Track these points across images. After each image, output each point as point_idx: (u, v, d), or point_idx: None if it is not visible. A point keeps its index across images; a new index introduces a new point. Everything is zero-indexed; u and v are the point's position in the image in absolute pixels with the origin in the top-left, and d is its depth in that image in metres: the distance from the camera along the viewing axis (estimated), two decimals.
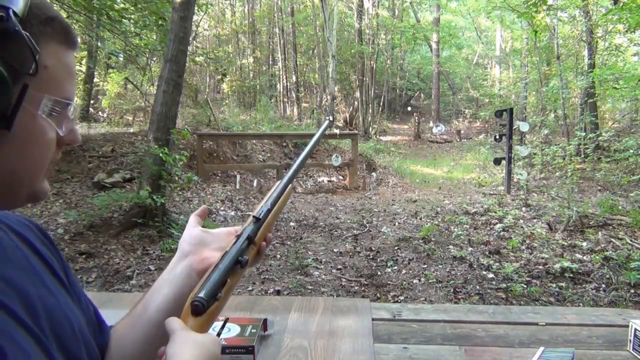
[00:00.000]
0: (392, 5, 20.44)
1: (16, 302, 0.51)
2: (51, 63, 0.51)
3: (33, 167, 0.53)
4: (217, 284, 0.60)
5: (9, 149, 0.49)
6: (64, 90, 0.53)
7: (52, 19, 0.52)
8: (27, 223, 0.65)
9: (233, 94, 17.99)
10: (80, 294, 0.69)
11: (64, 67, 0.53)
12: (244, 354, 1.08)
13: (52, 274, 0.62)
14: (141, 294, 0.77)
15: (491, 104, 18.18)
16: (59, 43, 0.53)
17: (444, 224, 5.64)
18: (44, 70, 0.50)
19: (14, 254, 0.56)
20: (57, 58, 0.52)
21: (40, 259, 0.61)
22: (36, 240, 0.63)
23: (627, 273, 3.94)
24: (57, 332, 0.55)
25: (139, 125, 10.79)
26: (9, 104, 0.47)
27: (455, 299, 3.66)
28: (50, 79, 0.51)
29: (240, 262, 0.64)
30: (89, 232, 4.85)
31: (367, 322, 1.30)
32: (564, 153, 7.62)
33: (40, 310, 0.54)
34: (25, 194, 0.54)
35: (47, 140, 0.53)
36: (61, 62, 0.53)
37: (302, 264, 4.33)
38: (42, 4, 0.52)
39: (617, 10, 8.58)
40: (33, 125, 0.51)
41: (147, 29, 8.66)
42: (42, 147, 0.52)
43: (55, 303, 0.58)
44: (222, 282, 0.61)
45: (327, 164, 9.25)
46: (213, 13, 18.74)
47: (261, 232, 0.69)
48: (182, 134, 5.77)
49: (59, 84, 0.53)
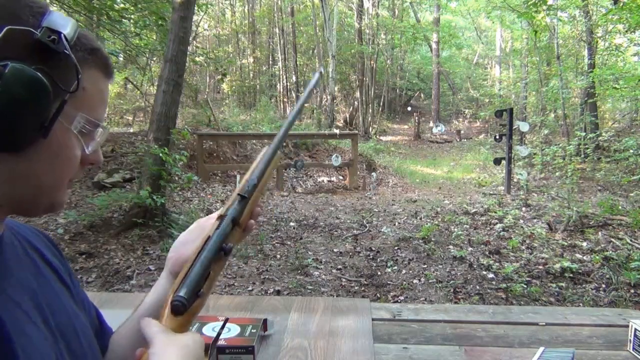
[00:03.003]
0: (392, 5, 20.43)
1: (27, 300, 0.55)
2: (89, 86, 0.57)
3: (57, 179, 0.57)
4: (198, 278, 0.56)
5: (41, 157, 0.54)
6: (96, 113, 0.58)
7: (96, 50, 0.58)
8: (38, 233, 0.70)
9: (233, 94, 18.01)
10: (84, 299, 0.72)
11: (99, 92, 0.59)
12: (244, 354, 1.08)
13: (58, 278, 0.65)
14: (141, 294, 0.78)
15: (491, 104, 18.19)
16: (99, 71, 0.59)
17: (444, 224, 5.63)
18: (83, 91, 0.55)
19: (25, 259, 0.61)
20: (94, 83, 0.58)
21: (47, 264, 0.65)
22: (45, 248, 0.68)
23: (627, 273, 3.94)
24: (63, 332, 0.58)
25: (139, 125, 10.80)
26: (48, 115, 0.52)
27: (455, 299, 3.66)
28: (86, 100, 0.57)
29: (224, 249, 0.59)
30: (89, 232, 4.85)
31: (367, 322, 1.30)
32: (564, 153, 7.62)
33: (47, 311, 0.57)
34: (45, 204, 0.58)
35: (73, 156, 0.57)
36: (97, 87, 0.59)
37: (302, 264, 4.33)
38: (88, 37, 0.58)
39: (617, 10, 8.58)
40: (64, 139, 0.55)
41: (147, 29, 8.65)
42: (68, 161, 0.57)
43: (61, 305, 0.61)
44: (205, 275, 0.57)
45: (327, 164, 9.25)
46: (213, 13, 18.74)
47: (247, 210, 0.64)
48: (182, 134, 5.76)
49: (92, 106, 0.58)
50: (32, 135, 0.51)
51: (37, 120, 0.51)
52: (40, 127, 0.51)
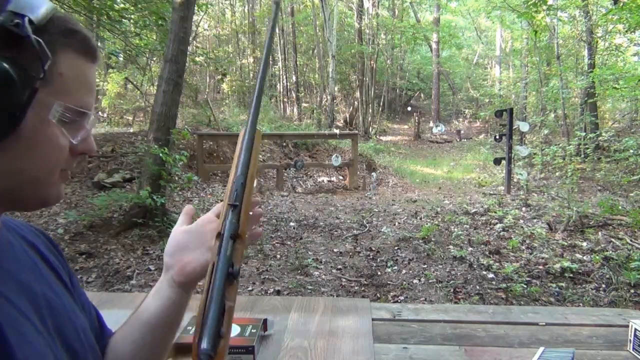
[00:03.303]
0: (392, 5, 20.44)
1: (24, 300, 0.54)
2: (66, 71, 0.53)
3: (41, 171, 0.54)
4: (216, 321, 0.50)
5: (18, 149, 0.51)
6: (78, 100, 0.55)
7: (74, 32, 0.54)
8: (37, 232, 0.68)
9: (233, 94, 17.99)
10: (84, 298, 0.71)
11: (80, 77, 0.55)
12: (244, 354, 1.07)
13: (57, 277, 0.64)
14: (141, 294, 0.77)
15: (491, 104, 18.20)
16: (78, 54, 0.54)
17: (444, 224, 5.63)
18: (59, 77, 0.52)
19: (23, 258, 0.60)
20: (72, 67, 0.54)
21: (46, 263, 0.64)
22: (44, 247, 0.66)
23: (627, 273, 3.94)
24: (61, 331, 0.57)
25: (139, 125, 10.79)
26: (18, 104, 0.48)
27: (455, 299, 3.66)
28: (64, 87, 0.53)
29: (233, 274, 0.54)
30: (89, 232, 4.85)
31: (367, 322, 1.30)
32: (564, 153, 7.62)
33: (45, 309, 0.56)
34: (35, 198, 0.55)
35: (56, 146, 0.54)
36: (76, 72, 0.54)
37: (302, 264, 4.33)
38: (66, 18, 0.54)
39: (617, 10, 8.58)
40: (42, 129, 0.52)
41: (147, 29, 8.66)
42: (51, 151, 0.54)
43: (60, 304, 0.60)
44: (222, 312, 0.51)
45: (327, 164, 9.26)
46: (213, 13, 18.75)
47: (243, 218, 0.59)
48: (182, 134, 5.76)
49: (72, 93, 0.54)
50: (3, 128, 0.48)
51: (6, 112, 0.48)
52: (11, 118, 0.48)
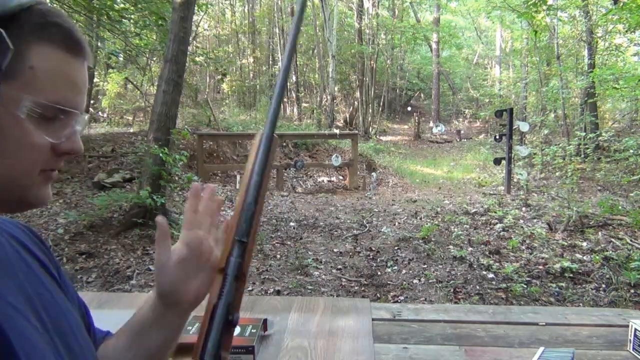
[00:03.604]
0: (392, 5, 20.42)
1: (21, 300, 0.53)
2: (39, 65, 0.50)
3: (16, 171, 0.51)
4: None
5: None
6: (54, 95, 0.51)
7: (52, 25, 0.51)
8: (23, 229, 0.65)
9: (233, 94, 18.00)
10: (74, 295, 0.69)
11: (57, 72, 0.52)
12: (244, 354, 1.08)
13: (48, 274, 0.63)
14: (141, 294, 0.76)
15: (491, 104, 18.20)
16: (54, 47, 0.51)
17: (444, 224, 5.63)
18: (29, 70, 0.49)
19: (14, 256, 0.58)
20: (46, 61, 0.51)
21: (36, 260, 0.62)
22: (31, 243, 0.64)
23: (627, 273, 3.94)
24: (59, 330, 0.57)
25: (139, 125, 10.79)
26: None
27: (455, 299, 3.66)
28: (35, 81, 0.50)
29: (232, 323, 0.52)
30: (89, 232, 4.85)
31: (367, 322, 1.30)
32: (564, 153, 7.62)
33: (41, 309, 0.55)
34: (14, 199, 0.53)
35: (30, 144, 0.51)
36: (54, 66, 0.51)
37: (302, 264, 4.33)
38: (45, 11, 0.51)
39: (617, 10, 8.58)
40: (11, 125, 0.49)
41: (147, 29, 8.66)
42: (22, 149, 0.51)
43: (53, 302, 0.59)
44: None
45: (327, 164, 9.26)
46: (213, 13, 18.75)
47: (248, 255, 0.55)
48: (182, 134, 5.77)
49: (46, 87, 0.51)
50: None
51: None
52: None
